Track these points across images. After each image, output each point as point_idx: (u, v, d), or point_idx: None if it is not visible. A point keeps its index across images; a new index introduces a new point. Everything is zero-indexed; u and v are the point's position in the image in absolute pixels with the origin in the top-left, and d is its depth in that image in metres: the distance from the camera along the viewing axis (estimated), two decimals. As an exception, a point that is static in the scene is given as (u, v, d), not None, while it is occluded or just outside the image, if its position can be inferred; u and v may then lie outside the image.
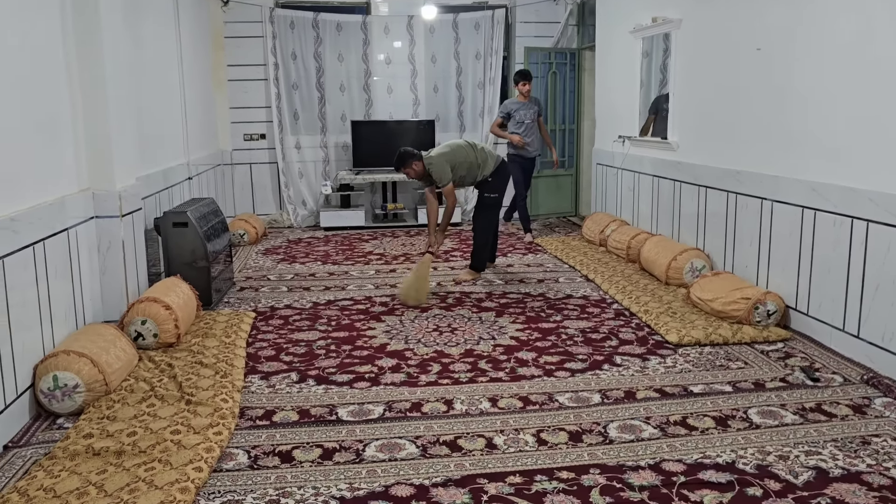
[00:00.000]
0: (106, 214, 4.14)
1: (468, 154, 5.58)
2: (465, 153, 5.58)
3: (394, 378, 3.67)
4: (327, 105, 8.40)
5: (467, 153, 5.58)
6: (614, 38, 7.05)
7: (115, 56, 4.17)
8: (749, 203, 4.73)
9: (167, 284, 4.41)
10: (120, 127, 4.23)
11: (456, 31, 8.48)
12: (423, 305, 4.96)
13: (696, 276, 5.13)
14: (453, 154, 5.53)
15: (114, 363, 3.48)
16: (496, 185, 5.69)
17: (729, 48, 4.95)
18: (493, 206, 5.74)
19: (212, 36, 7.94)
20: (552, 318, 4.68)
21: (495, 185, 5.69)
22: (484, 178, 5.64)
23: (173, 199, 5.78)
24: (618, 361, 3.87)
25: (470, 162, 5.57)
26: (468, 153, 5.59)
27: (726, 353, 3.98)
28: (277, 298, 5.24)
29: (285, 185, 8.42)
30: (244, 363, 3.88)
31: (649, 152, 6.34)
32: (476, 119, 8.67)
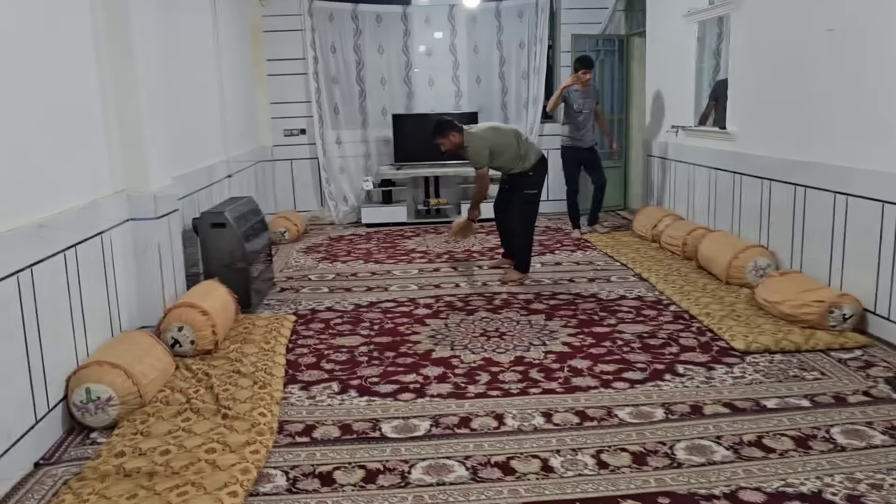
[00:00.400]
0: (141, 216, 4.01)
1: (511, 142, 5.32)
2: (509, 140, 5.32)
3: (440, 389, 3.46)
4: (368, 98, 8.22)
5: (510, 141, 5.32)
6: (666, 22, 6.70)
7: (146, 52, 4.02)
8: (820, 197, 4.38)
9: (205, 288, 4.27)
10: (154, 125, 4.09)
11: (499, 19, 8.21)
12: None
13: (759, 276, 4.80)
14: (496, 138, 5.29)
15: (149, 373, 3.34)
16: (535, 181, 5.39)
17: (796, 29, 4.59)
18: (532, 202, 5.42)
19: (250, 31, 7.81)
20: (606, 321, 4.42)
21: (534, 181, 5.39)
22: (523, 172, 5.34)
23: (212, 198, 5.65)
24: (680, 371, 3.59)
25: (512, 151, 5.30)
26: (511, 141, 5.32)
27: (799, 361, 3.66)
28: (318, 300, 5.08)
29: (326, 181, 8.27)
30: (284, 371, 3.71)
31: (706, 143, 6.00)
32: (520, 110, 8.39)
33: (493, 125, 5.52)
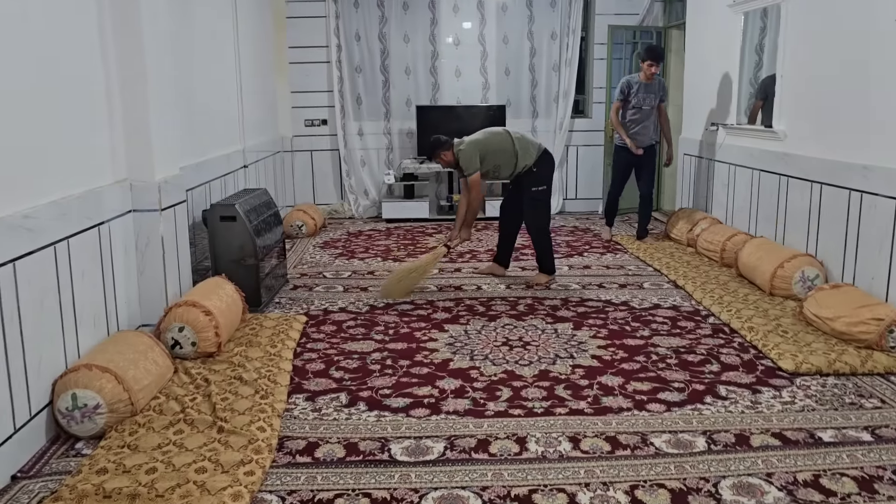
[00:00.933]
0: (144, 208, 3.76)
1: (504, 141, 4.99)
2: (501, 140, 5.00)
3: (457, 405, 3.16)
4: (392, 89, 7.92)
5: (503, 140, 5.00)
6: (709, 13, 6.31)
7: (155, 32, 3.76)
8: (879, 204, 4.00)
9: (210, 286, 4.01)
10: (162, 111, 3.83)
11: (530, 8, 7.86)
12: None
13: (807, 288, 4.44)
14: (486, 142, 4.99)
15: (142, 379, 3.08)
16: (541, 177, 5.03)
17: (855, 20, 4.21)
18: (541, 199, 5.07)
19: (273, 16, 7.55)
20: (639, 332, 4.09)
21: (540, 177, 5.03)
22: (527, 169, 5.00)
23: (226, 188, 5.41)
24: (722, 393, 3.25)
25: (507, 150, 4.98)
26: (504, 140, 5.00)
27: (856, 386, 3.31)
28: (332, 300, 4.80)
29: (347, 174, 8.00)
30: (289, 379, 3.43)
31: (748, 142, 5.62)
32: (550, 104, 8.05)
33: (482, 131, 5.19)
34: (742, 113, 5.78)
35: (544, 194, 5.07)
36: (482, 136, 5.06)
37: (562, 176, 8.21)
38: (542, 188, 5.04)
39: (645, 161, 6.17)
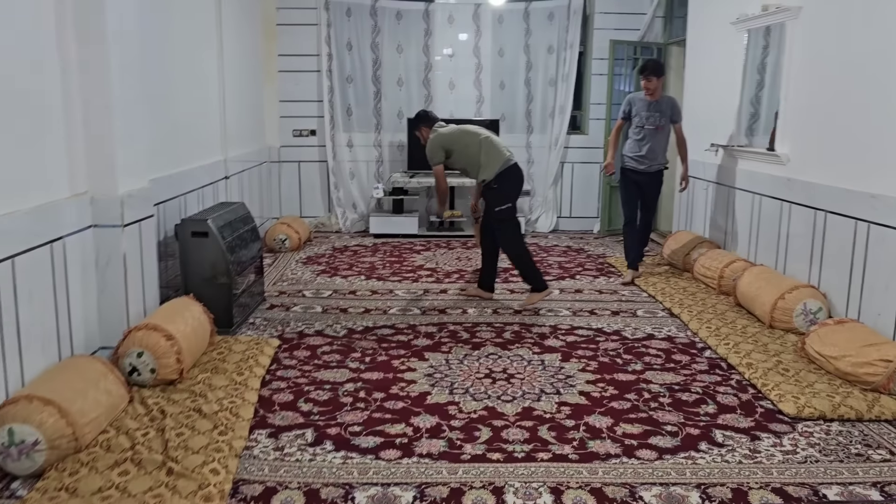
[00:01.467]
0: (106, 223, 3.52)
1: (472, 145, 4.82)
2: (470, 143, 4.83)
3: (431, 446, 2.91)
4: (383, 100, 7.70)
5: (471, 144, 4.82)
6: (710, 31, 6.11)
7: (122, 37, 3.54)
8: (888, 236, 3.78)
9: (175, 307, 3.77)
10: (128, 119, 3.60)
11: (527, 21, 7.66)
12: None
13: (809, 321, 4.21)
14: (456, 140, 4.87)
15: (90, 411, 2.83)
16: (502, 194, 4.77)
17: (866, 41, 4.00)
18: (505, 220, 4.82)
19: (263, 23, 7.35)
20: (630, 366, 3.85)
21: (501, 195, 4.77)
22: (487, 184, 4.78)
23: (204, 201, 5.17)
24: (718, 439, 3.01)
25: (470, 154, 4.81)
26: (472, 144, 4.82)
27: (862, 434, 3.07)
28: (309, 321, 4.56)
29: (335, 186, 7.77)
30: (253, 412, 3.19)
31: (749, 165, 5.41)
32: (545, 119, 7.83)
33: (463, 126, 5.01)
34: (743, 134, 5.56)
35: (508, 213, 4.81)
36: (455, 133, 4.91)
37: (556, 194, 7.99)
38: (504, 207, 4.79)
39: (650, 186, 5.57)
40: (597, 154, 7.87)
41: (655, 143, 5.46)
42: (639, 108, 5.48)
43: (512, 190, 4.83)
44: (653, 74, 5.36)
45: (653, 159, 5.49)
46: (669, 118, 5.46)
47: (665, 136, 5.51)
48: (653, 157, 5.48)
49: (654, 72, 5.37)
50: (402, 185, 7.41)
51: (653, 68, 5.39)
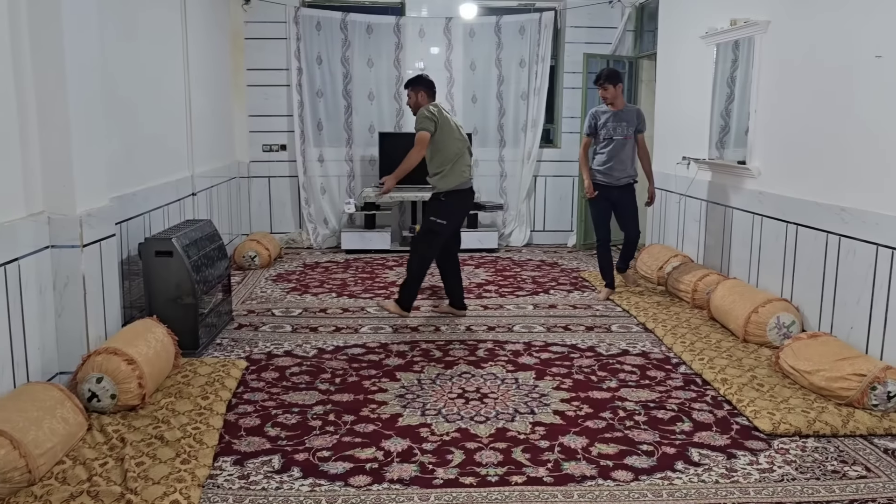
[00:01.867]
0: (64, 244, 3.40)
1: (450, 145, 4.72)
2: (452, 140, 4.75)
3: (402, 471, 2.83)
4: (354, 115, 7.63)
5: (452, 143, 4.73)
6: (680, 45, 6.14)
7: (81, 47, 3.43)
8: (859, 249, 3.79)
9: (137, 329, 3.65)
10: (86, 136, 3.49)
11: (498, 35, 7.65)
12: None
13: (782, 335, 4.20)
14: (446, 126, 4.77)
15: (45, 441, 2.71)
16: (444, 211, 4.74)
17: (834, 55, 4.02)
18: (433, 231, 4.77)
19: (231, 36, 7.25)
20: (605, 383, 3.80)
21: (443, 210, 4.75)
22: (436, 194, 4.76)
23: (170, 219, 5.05)
24: (695, 458, 2.97)
25: (447, 154, 4.72)
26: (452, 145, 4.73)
27: (837, 450, 3.04)
28: (278, 341, 4.45)
29: (306, 202, 7.66)
30: (217, 438, 3.07)
31: (721, 178, 5.42)
32: (518, 133, 7.82)
33: (459, 124, 4.95)
34: (714, 146, 5.58)
35: (439, 228, 4.76)
36: (451, 123, 4.84)
37: (529, 207, 7.97)
38: (440, 221, 4.75)
39: (623, 201, 5.34)
40: (569, 167, 7.86)
41: (624, 154, 5.28)
42: (604, 120, 5.29)
43: (454, 209, 4.80)
44: (607, 82, 5.17)
45: (622, 171, 5.30)
46: (636, 128, 5.28)
47: (632, 148, 5.33)
48: (622, 169, 5.29)
49: (609, 79, 5.18)
50: (373, 201, 7.33)
51: (606, 76, 5.20)
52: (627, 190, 5.36)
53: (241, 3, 7.29)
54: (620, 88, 5.23)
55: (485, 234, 7.45)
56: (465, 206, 4.89)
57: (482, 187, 7.77)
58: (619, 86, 5.22)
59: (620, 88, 5.23)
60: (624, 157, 5.28)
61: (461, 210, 4.88)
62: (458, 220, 4.90)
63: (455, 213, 4.83)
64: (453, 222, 4.82)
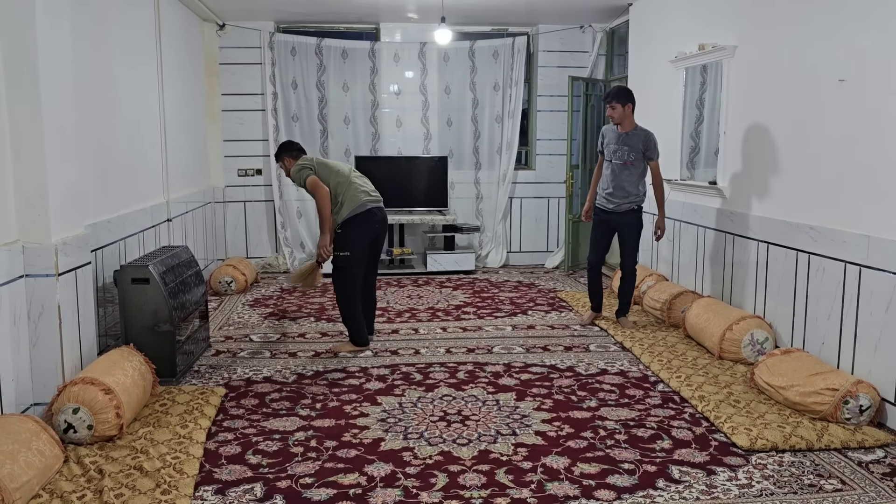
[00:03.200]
0: (39, 273, 3.36)
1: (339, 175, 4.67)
2: (337, 171, 4.70)
3: (386, 496, 2.82)
4: (330, 139, 7.66)
5: (338, 173, 4.69)
6: (650, 69, 6.28)
7: (55, 76, 3.42)
8: (827, 266, 3.88)
9: (114, 358, 3.60)
10: (61, 165, 3.47)
11: (472, 59, 7.75)
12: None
13: (756, 351, 4.27)
14: (322, 163, 4.75)
15: (21, 475, 2.66)
16: (346, 241, 4.60)
17: (800, 79, 4.15)
18: (342, 267, 4.63)
19: (205, 62, 7.26)
20: (585, 402, 3.83)
21: (344, 240, 4.61)
22: (334, 228, 4.65)
23: (145, 245, 5.01)
24: (675, 475, 3.00)
25: (340, 179, 4.66)
26: (339, 174, 4.68)
27: (813, 464, 3.10)
28: (257, 367, 4.42)
29: (282, 226, 7.65)
30: (198, 468, 3.04)
31: (693, 198, 5.52)
32: (493, 156, 7.90)
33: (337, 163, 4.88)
34: (685, 167, 5.69)
35: (346, 262, 4.61)
36: (324, 160, 4.83)
37: (506, 228, 8.03)
38: (344, 254, 4.60)
39: (623, 229, 5.06)
40: (545, 189, 7.96)
41: (624, 180, 4.96)
42: (609, 140, 5.06)
43: (355, 237, 4.63)
44: (615, 100, 4.91)
45: (622, 198, 4.97)
46: (642, 154, 4.93)
47: (638, 174, 4.97)
48: (622, 195, 4.97)
49: (617, 97, 4.91)
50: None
51: (615, 94, 4.94)
52: (627, 217, 5.02)
53: (216, 28, 7.31)
54: (630, 109, 4.94)
55: (462, 256, 7.48)
56: (367, 229, 4.67)
57: (459, 209, 7.83)
58: (629, 106, 4.93)
59: (630, 109, 4.94)
60: (623, 182, 4.96)
61: (362, 235, 4.66)
62: (361, 246, 4.67)
63: (355, 240, 4.63)
64: (357, 250, 4.64)
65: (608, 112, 4.99)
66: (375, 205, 4.72)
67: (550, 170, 7.94)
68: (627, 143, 4.93)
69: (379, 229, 4.76)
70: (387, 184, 7.43)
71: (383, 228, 4.83)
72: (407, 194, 7.57)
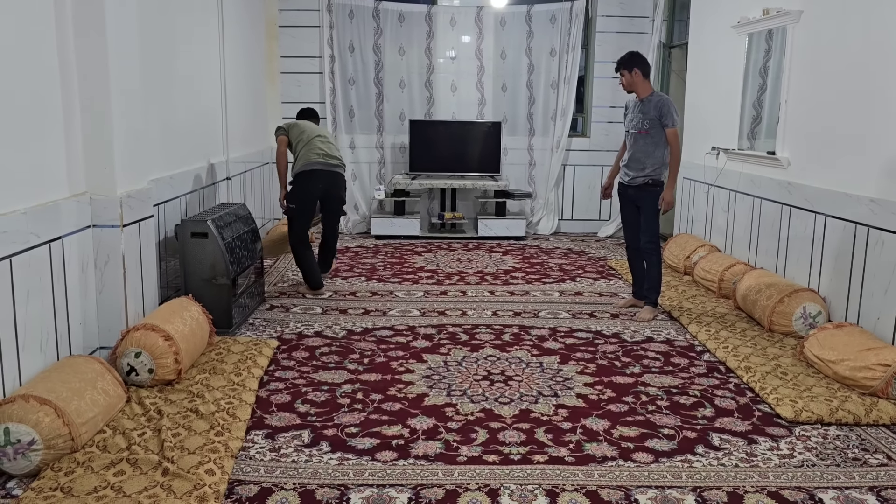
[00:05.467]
0: (105, 223, 3.53)
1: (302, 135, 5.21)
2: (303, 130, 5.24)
3: (427, 448, 2.92)
4: (385, 102, 7.72)
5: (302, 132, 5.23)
6: (712, 34, 6.11)
7: (122, 35, 3.55)
8: (886, 240, 3.77)
9: (173, 307, 3.77)
10: (127, 120, 3.61)
11: (529, 24, 7.66)
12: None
13: (808, 325, 4.20)
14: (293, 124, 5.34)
15: (86, 411, 2.84)
16: (292, 196, 5.17)
17: (866, 47, 4.00)
18: (290, 217, 5.20)
19: (266, 24, 7.36)
20: (629, 369, 3.84)
21: (291, 195, 5.18)
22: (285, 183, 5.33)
23: (205, 202, 5.18)
24: (715, 442, 3.01)
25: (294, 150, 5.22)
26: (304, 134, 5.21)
27: (859, 438, 3.06)
28: (308, 322, 4.56)
29: (337, 188, 7.76)
30: (250, 413, 3.19)
31: (750, 168, 5.40)
32: (547, 122, 7.84)
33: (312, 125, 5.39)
34: (745, 137, 5.56)
35: (291, 212, 5.14)
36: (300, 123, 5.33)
37: (558, 195, 7.99)
38: (290, 206, 5.14)
39: (638, 202, 4.74)
40: (598, 157, 7.87)
41: (638, 150, 4.64)
42: (629, 109, 4.82)
43: (305, 194, 5.10)
44: (622, 67, 4.63)
45: (638, 170, 4.65)
46: (658, 120, 4.56)
47: (653, 144, 4.60)
48: (637, 167, 4.66)
49: (621, 64, 4.64)
50: (403, 187, 7.42)
51: (620, 61, 4.67)
52: (643, 191, 4.68)
53: (276, -9, 7.40)
54: (639, 74, 4.60)
55: (513, 222, 7.50)
56: (312, 188, 5.10)
57: (511, 175, 7.82)
58: (636, 71, 4.59)
59: (639, 74, 4.60)
60: (638, 153, 4.65)
61: (305, 191, 5.09)
62: (303, 202, 5.12)
63: (298, 195, 5.09)
64: (301, 205, 5.10)
65: (623, 80, 4.68)
66: (323, 167, 5.12)
67: (606, 138, 7.84)
68: (642, 111, 4.64)
69: (323, 189, 5.17)
70: (440, 148, 7.53)
71: (330, 189, 5.21)
72: (460, 159, 7.60)
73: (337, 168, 5.20)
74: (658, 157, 4.63)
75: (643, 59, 4.66)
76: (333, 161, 5.18)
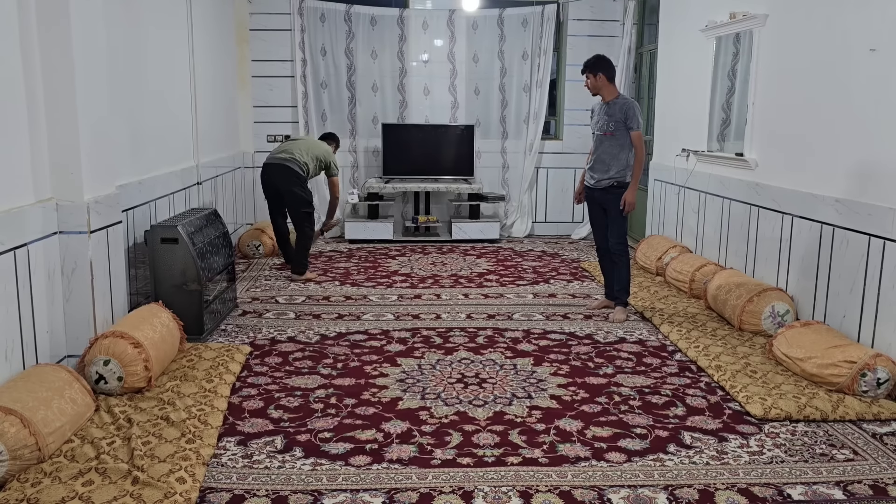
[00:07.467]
0: (72, 230, 3.47)
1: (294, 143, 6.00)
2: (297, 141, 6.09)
3: (401, 452, 2.91)
4: (358, 106, 7.70)
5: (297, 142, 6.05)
6: (681, 38, 6.18)
7: (89, 41, 3.50)
8: (852, 239, 3.85)
9: (143, 314, 3.73)
10: (94, 124, 3.56)
11: (501, 27, 7.70)
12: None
13: (776, 323, 4.27)
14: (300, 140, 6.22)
15: (53, 421, 2.79)
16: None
17: (830, 49, 4.07)
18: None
19: (236, 28, 7.30)
20: (602, 369, 3.87)
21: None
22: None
23: (175, 207, 5.12)
24: (687, 441, 3.04)
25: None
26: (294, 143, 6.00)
27: (826, 434, 3.12)
28: (281, 328, 4.53)
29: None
30: (222, 419, 3.16)
31: (720, 170, 5.47)
32: (520, 125, 7.87)
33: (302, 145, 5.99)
34: (714, 139, 5.64)
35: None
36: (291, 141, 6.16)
37: (531, 198, 8.03)
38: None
39: (603, 204, 4.78)
40: (571, 160, 7.92)
41: (604, 151, 4.69)
42: (595, 112, 4.86)
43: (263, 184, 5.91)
44: (588, 70, 4.67)
45: (603, 172, 4.69)
46: (623, 123, 4.61)
47: (618, 146, 4.64)
48: (602, 169, 4.70)
49: (589, 67, 4.67)
50: (377, 191, 7.40)
51: (587, 64, 4.70)
52: (608, 194, 4.71)
53: (246, -6, 7.35)
54: (603, 78, 4.65)
55: (487, 225, 7.51)
56: (264, 179, 5.87)
57: (485, 178, 7.84)
58: (601, 75, 4.64)
59: (603, 78, 4.65)
60: (604, 155, 4.69)
61: (262, 184, 5.91)
62: (266, 195, 5.93)
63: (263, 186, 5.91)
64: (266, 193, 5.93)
65: (587, 83, 4.73)
66: (270, 160, 5.80)
67: (578, 140, 7.89)
68: (608, 113, 4.68)
69: (269, 181, 5.81)
70: (413, 151, 7.53)
71: (276, 182, 5.76)
72: (433, 162, 7.61)
73: (285, 162, 5.69)
74: (623, 160, 4.67)
75: (609, 63, 4.71)
76: (283, 155, 5.72)
